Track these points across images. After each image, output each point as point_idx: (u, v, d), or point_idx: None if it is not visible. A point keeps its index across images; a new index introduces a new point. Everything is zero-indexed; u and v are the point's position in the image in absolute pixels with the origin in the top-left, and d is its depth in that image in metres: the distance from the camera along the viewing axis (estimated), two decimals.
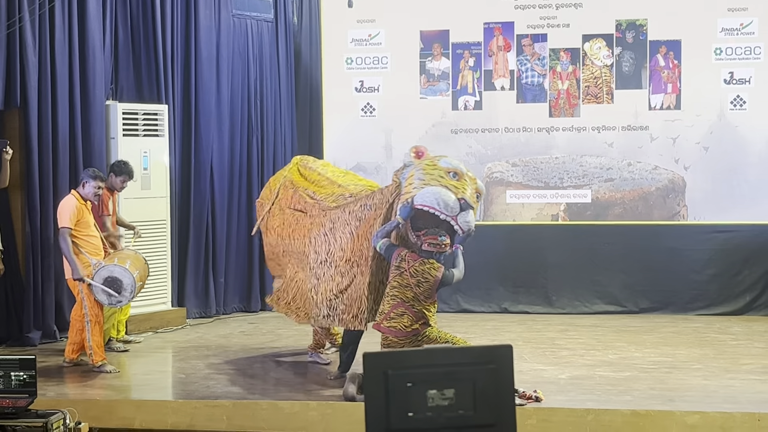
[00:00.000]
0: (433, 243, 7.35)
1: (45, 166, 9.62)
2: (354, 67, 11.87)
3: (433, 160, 7.62)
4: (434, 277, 7.37)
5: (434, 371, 3.41)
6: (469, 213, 7.38)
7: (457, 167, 7.56)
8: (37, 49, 9.55)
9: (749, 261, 11.17)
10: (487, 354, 3.52)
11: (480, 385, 3.42)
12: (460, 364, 3.44)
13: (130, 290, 8.59)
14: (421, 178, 7.45)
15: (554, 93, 11.51)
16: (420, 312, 7.38)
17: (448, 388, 3.40)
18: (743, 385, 7.85)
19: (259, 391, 7.85)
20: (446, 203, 7.28)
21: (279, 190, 8.82)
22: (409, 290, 7.36)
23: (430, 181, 7.41)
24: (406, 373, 3.43)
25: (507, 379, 3.47)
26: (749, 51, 11.10)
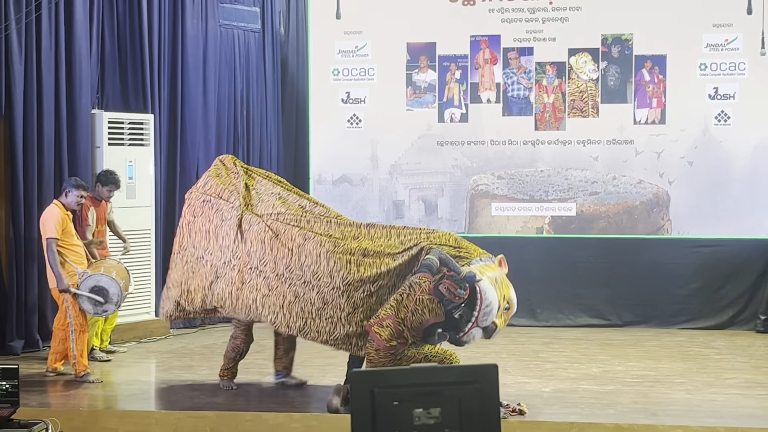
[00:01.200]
0: (450, 289, 7.24)
1: (30, 174, 9.59)
2: (341, 78, 11.89)
3: (508, 282, 7.49)
4: (429, 318, 7.25)
5: (420, 390, 3.41)
6: (480, 335, 7.31)
7: (514, 305, 7.49)
8: (23, 57, 9.53)
9: (732, 276, 11.22)
10: (472, 373, 3.53)
11: (466, 404, 3.43)
12: (446, 383, 3.45)
13: (116, 300, 8.57)
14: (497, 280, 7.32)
15: (540, 106, 11.54)
16: (402, 335, 7.29)
17: (434, 406, 3.40)
18: (726, 399, 7.88)
19: (242, 402, 7.84)
20: (488, 313, 7.19)
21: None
22: (404, 311, 7.24)
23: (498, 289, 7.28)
24: (392, 391, 3.43)
25: (492, 398, 3.48)
26: (734, 66, 11.16)
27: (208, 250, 8.09)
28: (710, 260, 11.23)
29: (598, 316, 11.45)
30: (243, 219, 7.98)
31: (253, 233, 7.89)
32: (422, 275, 7.32)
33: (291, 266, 7.74)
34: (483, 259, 7.53)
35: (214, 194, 8.19)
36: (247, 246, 7.91)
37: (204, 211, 8.18)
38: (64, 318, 8.57)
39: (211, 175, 8.43)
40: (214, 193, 8.20)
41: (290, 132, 12.48)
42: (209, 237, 8.11)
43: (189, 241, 8.19)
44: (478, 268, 7.35)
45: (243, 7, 11.89)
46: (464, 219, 11.60)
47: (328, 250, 7.64)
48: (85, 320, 8.62)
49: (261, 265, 7.82)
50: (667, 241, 11.34)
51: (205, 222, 8.16)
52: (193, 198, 8.32)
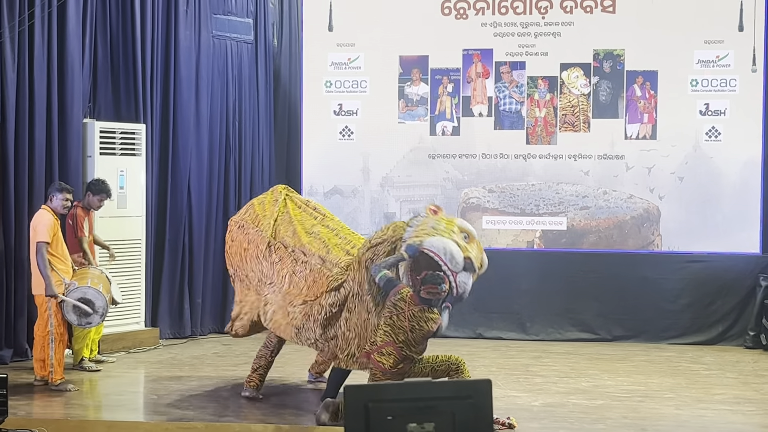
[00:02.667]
0: (432, 292, 7.20)
1: (21, 183, 9.58)
2: (333, 90, 11.90)
3: (450, 218, 7.60)
4: (430, 328, 7.21)
5: (414, 405, 3.41)
6: (469, 276, 7.31)
7: (471, 231, 7.54)
8: (16, 66, 9.53)
9: (722, 291, 11.25)
10: (466, 388, 3.53)
11: (459, 419, 3.43)
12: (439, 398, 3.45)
13: (101, 313, 8.56)
14: (434, 227, 7.36)
15: (531, 120, 11.57)
16: (407, 356, 7.22)
17: (428, 421, 3.40)
18: (715, 415, 7.90)
19: (231, 413, 7.82)
20: (453, 257, 7.18)
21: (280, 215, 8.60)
22: (402, 333, 7.15)
23: (442, 232, 7.33)
24: (386, 406, 3.43)
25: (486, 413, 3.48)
26: (725, 83, 11.21)
27: (245, 271, 8.46)
28: (700, 276, 11.26)
29: (587, 331, 11.46)
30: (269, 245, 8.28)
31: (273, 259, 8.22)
32: (396, 290, 7.26)
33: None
34: (412, 224, 7.54)
35: (249, 221, 8.53)
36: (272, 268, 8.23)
37: (238, 236, 8.55)
38: (45, 326, 8.55)
39: (254, 203, 8.75)
40: (249, 220, 8.54)
41: (282, 143, 12.49)
42: (242, 259, 8.46)
43: (233, 262, 8.60)
44: (412, 236, 7.35)
45: (236, 19, 11.90)
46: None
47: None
48: (65, 330, 8.61)
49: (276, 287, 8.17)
50: (657, 256, 11.37)
51: (239, 246, 8.53)
52: (231, 224, 8.73)
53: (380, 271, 7.34)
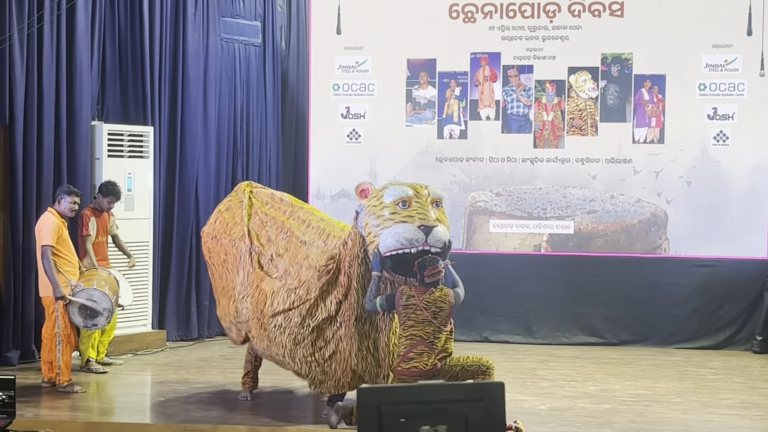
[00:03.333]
0: (433, 273, 7.18)
1: (29, 184, 9.60)
2: (341, 93, 11.91)
3: (378, 198, 7.32)
4: (449, 303, 7.18)
5: (427, 407, 3.41)
6: (435, 230, 7.15)
7: (402, 194, 7.25)
8: (25, 68, 9.55)
9: (730, 296, 11.23)
10: (479, 391, 3.53)
11: (472, 422, 3.42)
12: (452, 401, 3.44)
13: (107, 315, 8.57)
14: (375, 224, 7.21)
15: (539, 124, 11.57)
16: (440, 349, 7.15)
17: (440, 424, 3.40)
18: (723, 419, 7.88)
19: (238, 415, 7.82)
20: (408, 238, 7.07)
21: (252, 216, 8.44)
22: (428, 325, 7.10)
23: (383, 222, 7.17)
24: (399, 408, 3.43)
25: (499, 416, 3.47)
26: (733, 87, 11.19)
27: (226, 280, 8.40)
28: (707, 280, 11.24)
29: (594, 335, 11.45)
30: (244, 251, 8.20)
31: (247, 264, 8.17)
32: (399, 295, 7.22)
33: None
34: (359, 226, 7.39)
35: (221, 230, 8.46)
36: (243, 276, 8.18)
37: (215, 247, 8.50)
38: (52, 328, 8.57)
39: (221, 209, 8.66)
40: (221, 230, 8.47)
41: (290, 146, 12.51)
42: (226, 270, 8.40)
43: (218, 273, 8.55)
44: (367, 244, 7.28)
45: (244, 22, 11.92)
46: (462, 235, 11.60)
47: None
48: (73, 332, 8.62)
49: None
50: (664, 261, 11.35)
51: (218, 257, 8.48)
52: (204, 236, 8.69)
53: (374, 301, 7.26)
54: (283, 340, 7.67)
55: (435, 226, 7.15)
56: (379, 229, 7.18)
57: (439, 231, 7.16)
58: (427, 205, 7.25)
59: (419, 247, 7.09)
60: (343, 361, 7.46)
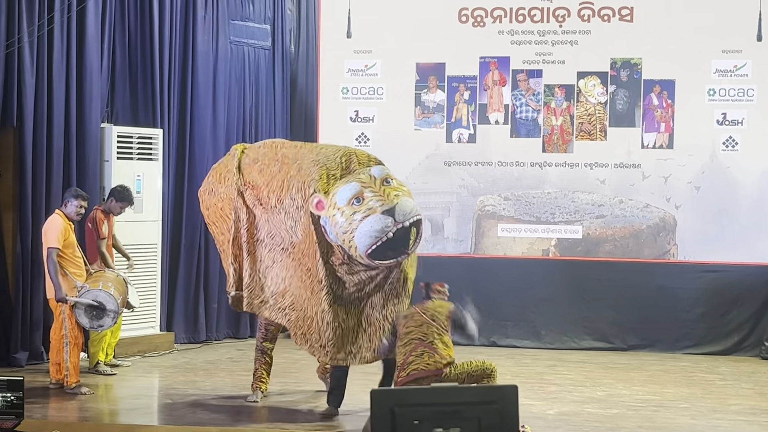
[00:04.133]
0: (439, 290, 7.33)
1: (38, 186, 9.62)
2: (349, 96, 11.92)
3: (333, 205, 7.30)
4: (447, 309, 7.25)
5: (441, 410, 3.41)
6: (398, 207, 7.15)
7: (353, 192, 7.23)
8: (35, 70, 9.57)
9: (738, 301, 11.21)
10: (492, 394, 3.53)
11: (485, 425, 3.43)
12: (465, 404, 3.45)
13: (113, 316, 8.58)
14: (344, 231, 7.23)
15: (548, 128, 11.56)
16: (440, 348, 7.18)
17: (453, 426, 3.41)
18: (731, 425, 7.87)
19: (245, 418, 7.82)
20: (379, 229, 7.11)
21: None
22: (426, 326, 7.15)
23: (350, 226, 7.18)
24: (413, 410, 3.44)
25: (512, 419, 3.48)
26: (742, 93, 11.18)
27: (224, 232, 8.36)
28: (716, 286, 11.21)
29: (602, 340, 11.43)
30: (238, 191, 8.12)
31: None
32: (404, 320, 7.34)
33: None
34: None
35: (215, 181, 8.44)
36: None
37: (210, 199, 8.46)
38: (60, 330, 8.59)
39: (215, 167, 8.68)
40: (214, 180, 8.45)
41: None
42: (223, 220, 8.35)
43: (216, 230, 8.52)
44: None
45: (254, 25, 11.94)
46: (470, 239, 11.60)
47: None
48: (81, 333, 8.64)
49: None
50: (673, 266, 11.33)
51: (214, 209, 8.45)
52: (200, 194, 8.66)
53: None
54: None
55: (395, 203, 7.18)
56: (350, 234, 7.22)
57: (402, 205, 7.21)
58: (378, 188, 7.26)
59: (393, 230, 7.16)
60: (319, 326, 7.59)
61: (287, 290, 7.85)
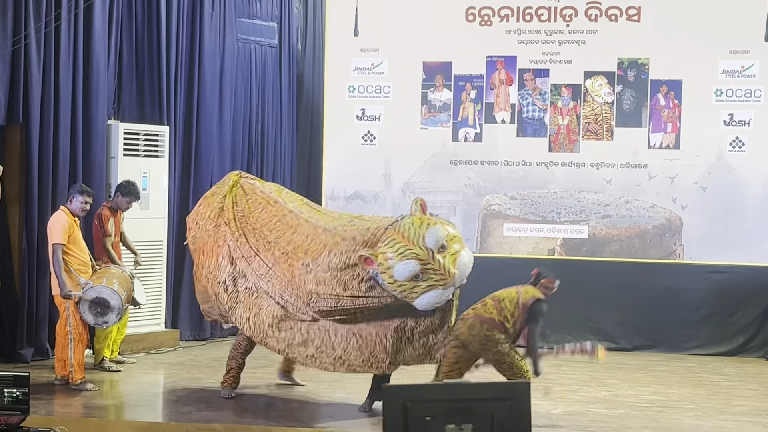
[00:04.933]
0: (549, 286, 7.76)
1: (44, 182, 9.62)
2: (356, 95, 11.92)
3: (390, 275, 7.18)
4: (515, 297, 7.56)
5: (453, 406, 3.41)
6: (459, 275, 7.29)
7: (412, 271, 7.14)
8: (42, 66, 9.57)
9: (744, 302, 11.19)
10: (505, 390, 3.54)
11: (498, 421, 3.43)
12: (478, 400, 3.44)
13: (117, 312, 8.58)
14: (405, 298, 7.25)
15: (554, 128, 11.55)
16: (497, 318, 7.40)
17: (466, 423, 3.41)
18: (736, 426, 7.85)
19: (250, 415, 7.82)
20: (441, 300, 7.33)
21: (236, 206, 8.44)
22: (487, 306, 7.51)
23: (409, 295, 7.21)
24: (425, 406, 3.44)
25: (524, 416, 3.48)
26: (749, 93, 11.16)
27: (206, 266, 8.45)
28: (722, 286, 11.19)
29: (608, 340, 11.39)
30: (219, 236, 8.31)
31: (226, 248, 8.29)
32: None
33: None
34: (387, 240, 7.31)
35: (203, 216, 8.51)
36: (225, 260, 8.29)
37: (197, 231, 8.56)
38: (64, 326, 8.60)
39: (207, 195, 8.76)
40: (203, 215, 8.52)
41: (304, 147, 12.52)
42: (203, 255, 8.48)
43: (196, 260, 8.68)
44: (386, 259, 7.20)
45: (261, 22, 11.94)
46: (476, 239, 11.60)
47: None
48: (85, 330, 8.65)
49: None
50: (678, 266, 11.31)
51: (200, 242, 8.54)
52: (189, 220, 8.79)
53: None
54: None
55: (455, 276, 7.24)
56: (411, 301, 7.24)
57: (461, 270, 7.31)
58: (436, 263, 7.18)
59: (452, 293, 7.45)
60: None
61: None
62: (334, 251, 7.54)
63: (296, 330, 7.85)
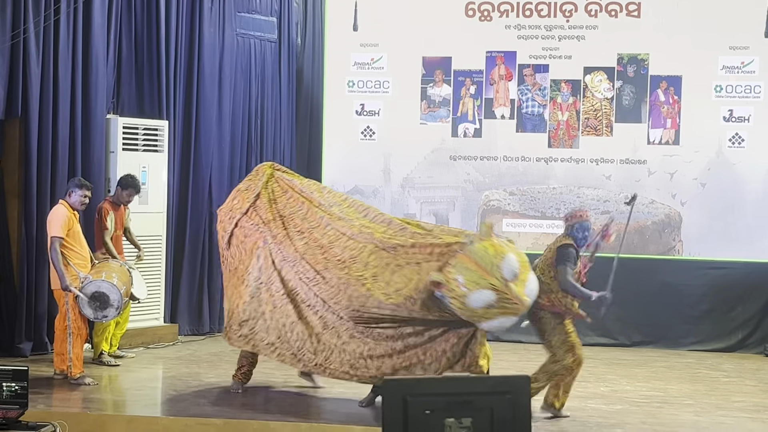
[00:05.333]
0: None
1: (43, 176, 9.62)
2: (355, 90, 11.91)
3: (463, 303, 7.16)
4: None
5: (452, 399, 3.40)
6: (529, 303, 7.37)
7: (487, 301, 7.14)
8: (41, 60, 9.56)
9: (743, 298, 11.19)
10: (504, 384, 3.52)
11: (498, 415, 3.42)
12: (478, 393, 3.44)
13: (116, 306, 8.57)
14: (473, 321, 7.27)
15: (554, 124, 11.55)
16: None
17: (465, 416, 3.39)
18: (735, 422, 7.86)
19: (249, 410, 7.82)
20: (508, 326, 7.53)
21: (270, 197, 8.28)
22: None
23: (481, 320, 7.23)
24: (424, 400, 3.43)
25: (524, 410, 3.47)
26: (749, 89, 11.15)
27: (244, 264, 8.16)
28: (721, 282, 11.20)
29: (606, 335, 11.41)
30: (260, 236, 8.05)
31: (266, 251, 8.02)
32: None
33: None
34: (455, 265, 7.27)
35: (239, 210, 8.24)
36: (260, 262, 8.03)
37: (231, 227, 8.24)
38: (63, 320, 8.59)
39: (241, 188, 8.46)
40: (238, 209, 8.25)
41: (303, 142, 12.51)
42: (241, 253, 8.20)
43: (227, 254, 8.34)
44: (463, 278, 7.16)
45: (260, 17, 11.93)
46: None
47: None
48: (85, 324, 8.63)
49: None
50: (678, 262, 11.32)
51: (235, 238, 8.24)
52: (221, 214, 8.44)
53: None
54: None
55: (527, 304, 7.32)
56: (478, 323, 7.30)
57: (528, 304, 7.34)
58: (510, 293, 7.15)
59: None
60: None
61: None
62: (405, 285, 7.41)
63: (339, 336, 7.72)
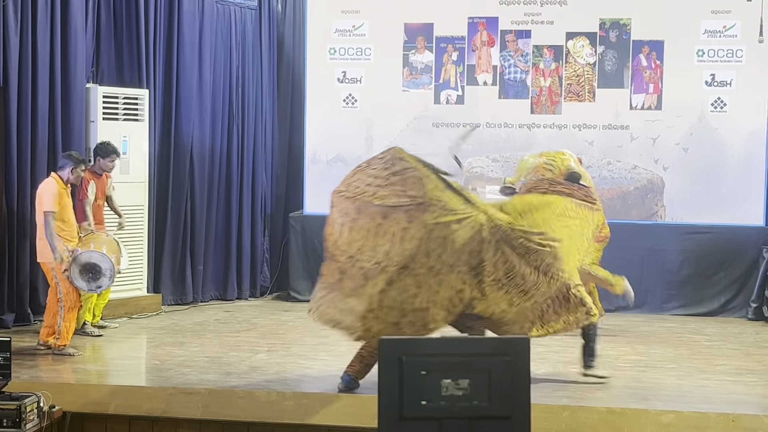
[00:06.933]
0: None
1: (23, 146, 9.54)
2: (337, 57, 11.84)
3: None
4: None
5: (449, 360, 3.36)
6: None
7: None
8: (19, 30, 9.46)
9: (725, 263, 11.23)
10: (503, 345, 3.50)
11: (496, 377, 3.39)
12: (476, 355, 3.40)
13: (109, 275, 8.55)
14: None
15: (536, 90, 11.52)
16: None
17: (462, 378, 3.36)
18: (717, 385, 7.90)
19: (234, 379, 7.81)
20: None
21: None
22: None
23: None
24: (421, 360, 3.39)
25: (523, 372, 3.45)
26: (731, 54, 11.14)
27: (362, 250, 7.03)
28: (703, 247, 11.23)
29: None
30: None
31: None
32: None
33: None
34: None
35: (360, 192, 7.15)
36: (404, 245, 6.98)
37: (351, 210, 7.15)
38: (54, 293, 8.56)
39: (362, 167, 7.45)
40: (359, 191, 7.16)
41: (285, 110, 12.45)
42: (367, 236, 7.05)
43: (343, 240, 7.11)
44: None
45: None
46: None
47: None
48: (78, 297, 8.59)
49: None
50: (660, 227, 11.34)
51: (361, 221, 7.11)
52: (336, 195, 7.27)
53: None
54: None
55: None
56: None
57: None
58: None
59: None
60: None
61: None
62: None
63: None
